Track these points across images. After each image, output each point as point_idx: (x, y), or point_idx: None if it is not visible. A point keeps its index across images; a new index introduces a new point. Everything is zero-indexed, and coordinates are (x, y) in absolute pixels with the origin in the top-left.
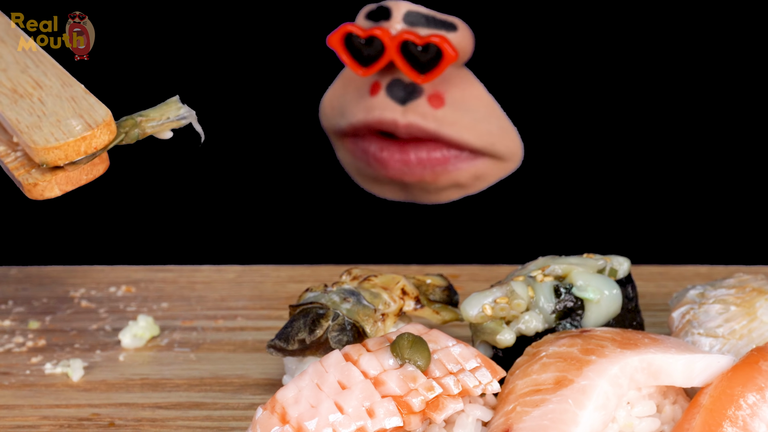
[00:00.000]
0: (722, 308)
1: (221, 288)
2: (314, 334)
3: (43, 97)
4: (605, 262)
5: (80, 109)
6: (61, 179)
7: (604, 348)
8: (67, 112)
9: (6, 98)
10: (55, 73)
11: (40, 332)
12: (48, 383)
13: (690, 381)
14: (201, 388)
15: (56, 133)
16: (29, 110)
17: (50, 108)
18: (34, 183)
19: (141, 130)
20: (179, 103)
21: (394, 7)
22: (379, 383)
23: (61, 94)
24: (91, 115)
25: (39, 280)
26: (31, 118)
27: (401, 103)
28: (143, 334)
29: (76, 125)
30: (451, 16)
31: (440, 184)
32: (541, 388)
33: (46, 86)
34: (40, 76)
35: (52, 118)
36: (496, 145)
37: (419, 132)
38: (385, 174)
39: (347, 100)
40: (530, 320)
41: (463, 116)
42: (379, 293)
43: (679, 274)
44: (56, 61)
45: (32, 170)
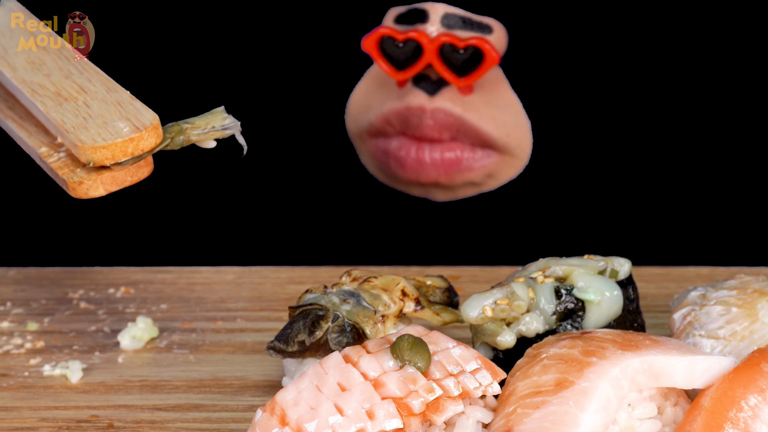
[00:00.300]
0: (724, 309)
1: (220, 289)
2: (314, 336)
3: (88, 100)
4: (606, 263)
5: (126, 112)
6: (106, 179)
7: (605, 350)
8: (114, 115)
9: (50, 101)
10: (100, 79)
11: (38, 334)
12: (46, 385)
13: (691, 383)
14: (200, 389)
15: (103, 134)
16: (74, 112)
17: (96, 111)
18: (79, 181)
19: (186, 137)
20: (225, 113)
21: (430, 9)
22: (379, 385)
23: (106, 98)
24: (138, 119)
25: (38, 282)
26: (77, 120)
27: (430, 94)
28: (142, 335)
29: (124, 127)
30: (487, 17)
31: (455, 184)
32: (542, 389)
33: (91, 91)
34: (84, 82)
35: (98, 120)
36: (509, 137)
37: (445, 117)
38: (403, 175)
39: (374, 95)
40: (531, 322)
41: (487, 106)
42: (379, 295)
43: (680, 275)
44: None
45: (77, 169)
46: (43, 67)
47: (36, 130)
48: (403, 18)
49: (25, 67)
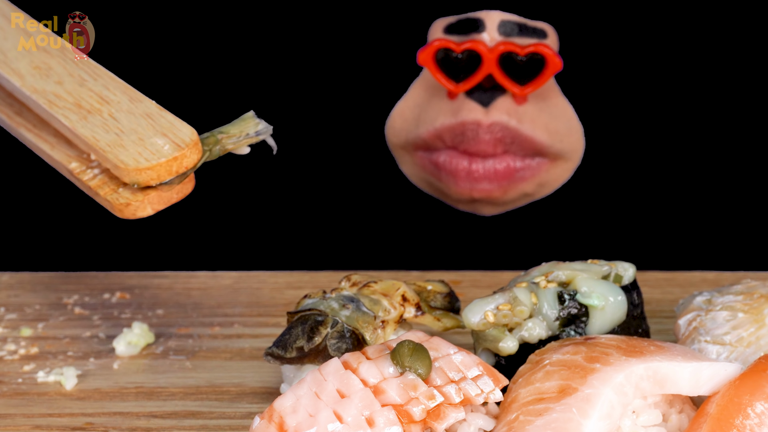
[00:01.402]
0: (730, 315)
1: (217, 294)
2: (313, 342)
3: (113, 113)
4: (610, 267)
5: (160, 127)
6: (153, 199)
7: (608, 356)
8: (147, 130)
9: (73, 114)
10: (118, 87)
11: (32, 339)
12: (41, 392)
13: (696, 389)
14: (197, 396)
15: (144, 153)
16: (103, 127)
17: (126, 125)
18: (126, 203)
19: (222, 146)
20: (256, 119)
21: (486, 18)
22: (379, 392)
23: (132, 109)
24: (176, 134)
25: (31, 287)
26: (109, 136)
27: (484, 105)
28: (138, 341)
29: (163, 145)
30: (541, 22)
31: (508, 197)
32: (545, 396)
33: (113, 102)
34: (102, 90)
35: (132, 136)
36: (562, 143)
37: (502, 131)
38: (455, 188)
39: (423, 109)
40: (533, 327)
41: (541, 114)
42: (379, 300)
43: (685, 280)
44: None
45: (119, 189)
46: (52, 72)
47: (56, 140)
48: (455, 28)
49: (31, 73)
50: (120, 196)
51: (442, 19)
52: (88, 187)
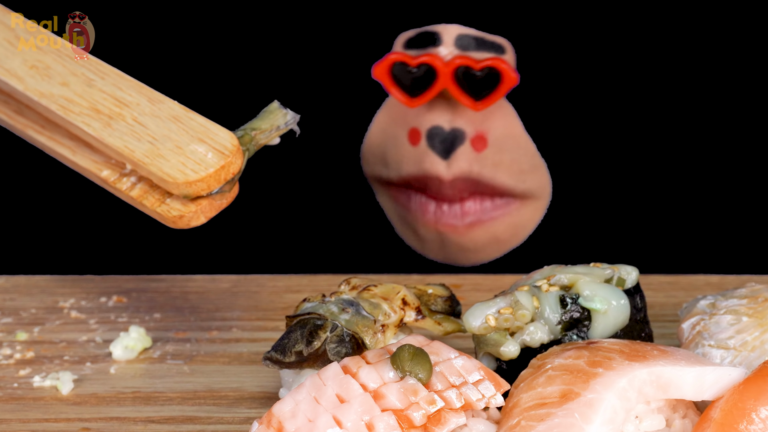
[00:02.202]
0: (734, 319)
1: (215, 298)
2: (312, 346)
3: (137, 117)
4: (613, 271)
5: (194, 131)
6: (206, 208)
7: (611, 360)
8: (181, 136)
9: (94, 121)
10: (131, 86)
11: (28, 344)
12: (36, 396)
13: (700, 394)
14: (195, 401)
15: (188, 164)
16: (132, 135)
17: (156, 131)
18: (179, 215)
19: (256, 142)
20: (283, 109)
21: (443, 31)
22: (379, 396)
23: (156, 113)
24: (215, 140)
25: (27, 290)
26: (143, 145)
27: (444, 157)
28: (135, 345)
29: (205, 153)
30: (498, 36)
31: (477, 239)
32: (547, 401)
33: (132, 104)
34: (115, 90)
35: (168, 144)
36: (527, 183)
37: (463, 183)
38: (423, 222)
39: (388, 148)
40: (535, 331)
41: (503, 156)
42: (379, 303)
43: (689, 283)
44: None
45: (167, 200)
46: (52, 72)
47: (74, 143)
48: (414, 42)
49: (29, 74)
50: (171, 208)
51: (405, 33)
52: (128, 197)
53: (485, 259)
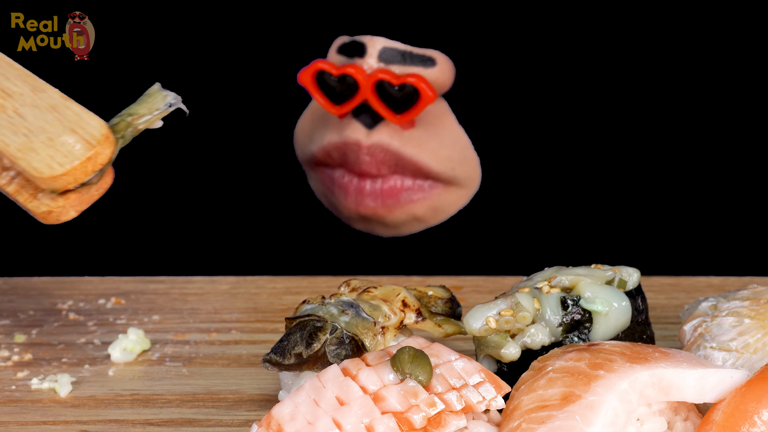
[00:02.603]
0: (736, 321)
1: (215, 300)
2: (311, 348)
3: (18, 108)
4: (614, 273)
5: (68, 121)
6: (74, 201)
7: (612, 362)
8: (55, 126)
9: None
10: (17, 74)
11: (26, 346)
12: (34, 399)
13: (702, 396)
14: (194, 404)
15: (56, 157)
16: (10, 128)
17: (33, 123)
18: (48, 211)
19: (134, 128)
20: (163, 91)
21: (369, 43)
22: (379, 399)
23: (36, 103)
24: (86, 130)
25: (25, 292)
26: (18, 138)
27: (368, 128)
28: (133, 347)
29: (74, 144)
30: (430, 49)
31: (397, 218)
32: (548, 404)
33: (16, 94)
34: (1, 80)
35: (41, 137)
36: (455, 171)
37: (382, 153)
38: (344, 204)
39: (317, 125)
40: (536, 333)
41: (430, 140)
42: (379, 305)
43: (690, 285)
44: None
45: (38, 195)
46: None
47: None
48: (345, 49)
49: None
50: (41, 204)
51: (341, 38)
52: (6, 193)
53: (405, 233)
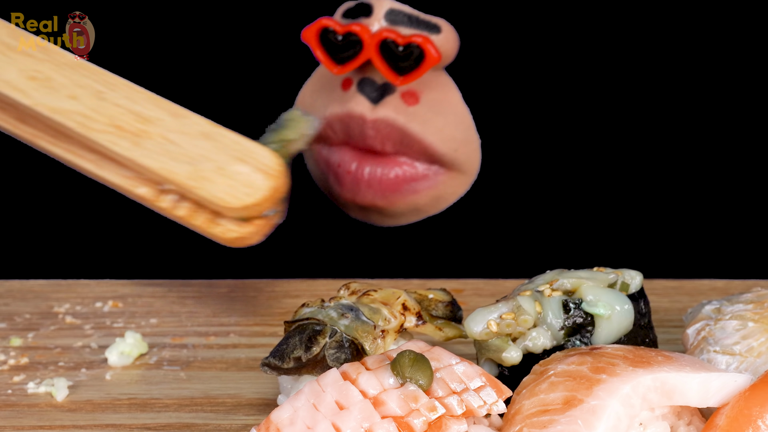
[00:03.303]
0: (739, 324)
1: (213, 303)
2: (311, 352)
3: (165, 134)
4: (616, 275)
5: (229, 150)
6: (263, 227)
7: (615, 366)
8: (218, 155)
9: (119, 139)
10: (146, 98)
11: (22, 350)
12: (31, 403)
13: (705, 401)
14: (192, 408)
15: (237, 187)
16: (166, 155)
17: (190, 150)
18: (238, 237)
19: (288, 154)
20: (306, 115)
21: (375, 4)
22: (379, 403)
23: (183, 129)
24: (257, 159)
25: (21, 295)
26: (183, 167)
27: (373, 102)
28: (131, 351)
29: (250, 173)
30: (436, 17)
31: (396, 209)
32: (549, 408)
33: (154, 119)
34: (131, 105)
35: (207, 165)
36: (457, 152)
37: (387, 128)
38: (339, 191)
39: (319, 97)
40: (538, 337)
41: (435, 117)
42: (379, 309)
43: (694, 288)
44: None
45: (219, 221)
46: (55, 84)
47: (96, 156)
48: (350, 12)
49: (32, 87)
50: (227, 230)
51: (346, 3)
52: (172, 215)
53: (404, 223)
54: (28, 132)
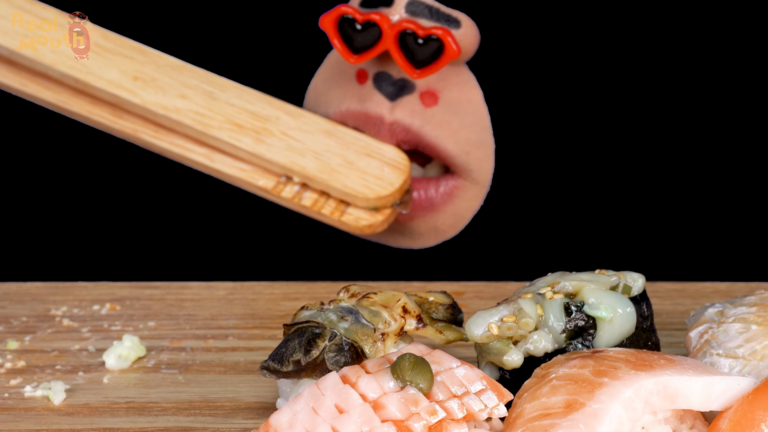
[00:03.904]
0: (743, 327)
1: (211, 306)
2: (310, 355)
3: (286, 131)
4: (619, 278)
5: (354, 146)
6: (390, 217)
7: (617, 369)
8: (345, 150)
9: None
10: (257, 98)
11: (19, 353)
12: (27, 407)
13: (708, 404)
14: (190, 412)
15: (369, 179)
16: (293, 150)
17: (314, 146)
18: (368, 224)
19: None
20: None
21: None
22: (379, 407)
23: (302, 127)
24: (383, 155)
25: (18, 298)
26: (310, 161)
27: (390, 99)
28: (128, 354)
29: (382, 168)
30: (457, 11)
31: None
32: (551, 412)
33: (272, 117)
34: (245, 104)
35: (336, 160)
36: (469, 156)
37: (403, 133)
38: None
39: (332, 88)
40: (539, 340)
41: (451, 118)
42: (379, 311)
43: (696, 291)
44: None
45: (348, 209)
46: (161, 84)
47: (208, 151)
48: (369, 2)
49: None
50: (359, 218)
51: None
52: (296, 206)
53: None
54: (127, 127)
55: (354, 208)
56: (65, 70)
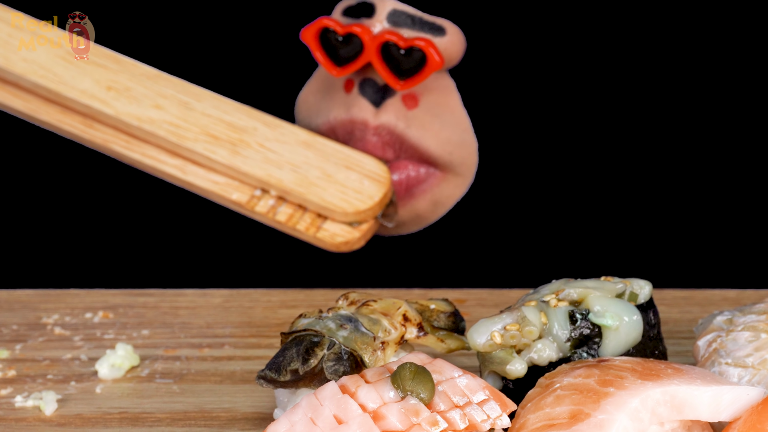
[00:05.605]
0: (752, 336)
1: (207, 314)
2: (308, 364)
3: (263, 143)
4: (625, 285)
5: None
6: (368, 232)
7: (623, 379)
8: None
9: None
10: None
11: (9, 362)
12: (18, 417)
13: (717, 415)
14: (185, 422)
15: (348, 192)
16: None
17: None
18: (344, 241)
19: None
20: None
21: (378, 4)
22: (379, 417)
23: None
24: (362, 167)
25: (8, 305)
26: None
27: (376, 105)
28: (122, 363)
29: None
30: (441, 18)
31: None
32: (555, 422)
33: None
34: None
35: (313, 172)
36: (452, 155)
37: (389, 136)
38: None
39: (321, 98)
40: (543, 349)
41: (432, 121)
42: (379, 319)
43: (705, 298)
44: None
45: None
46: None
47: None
48: (352, 11)
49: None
50: (334, 235)
51: (346, 1)
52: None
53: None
54: (98, 137)
55: (331, 223)
56: (37, 79)
